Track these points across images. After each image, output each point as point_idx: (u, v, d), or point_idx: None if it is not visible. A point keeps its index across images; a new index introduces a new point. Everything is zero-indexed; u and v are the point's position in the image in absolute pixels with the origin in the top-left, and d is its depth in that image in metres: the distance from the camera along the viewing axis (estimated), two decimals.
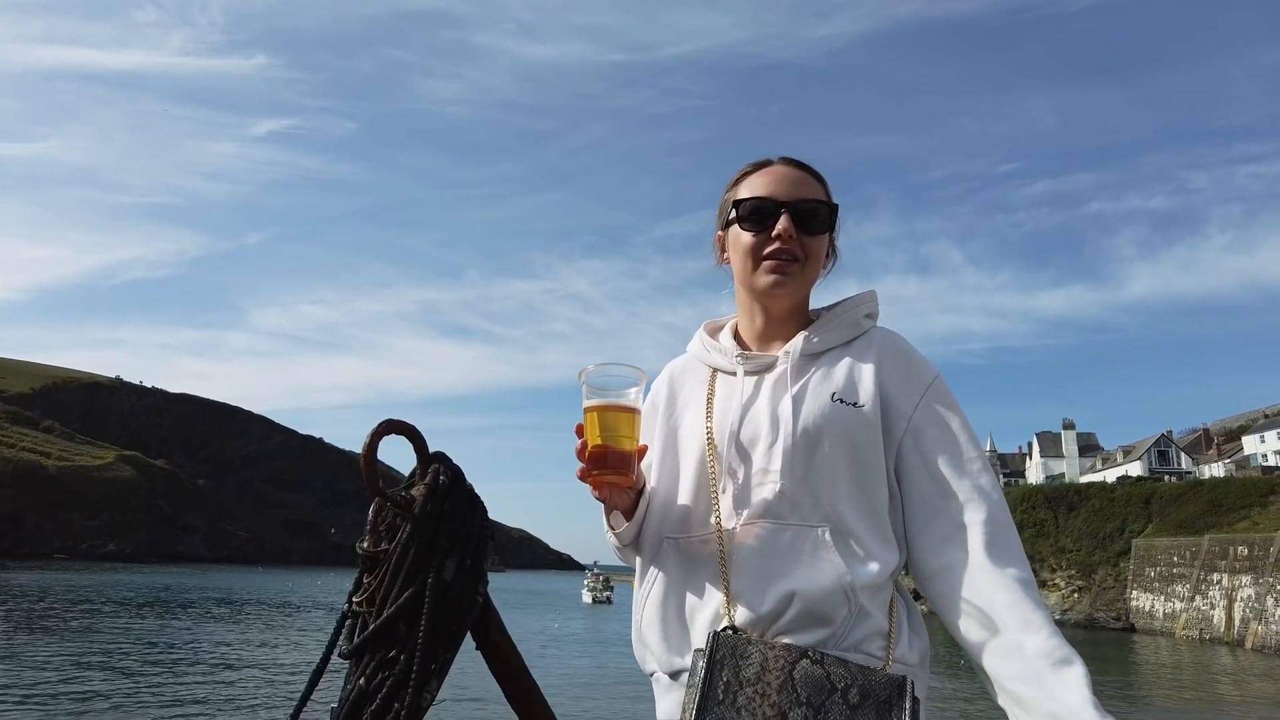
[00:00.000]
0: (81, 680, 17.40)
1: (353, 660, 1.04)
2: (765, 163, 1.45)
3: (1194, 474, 64.96)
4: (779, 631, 1.23)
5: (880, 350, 1.39)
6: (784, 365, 1.37)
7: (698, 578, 1.31)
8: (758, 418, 1.34)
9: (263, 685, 18.11)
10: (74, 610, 35.01)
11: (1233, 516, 44.94)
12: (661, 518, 1.39)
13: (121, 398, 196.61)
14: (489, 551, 1.12)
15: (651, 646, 1.34)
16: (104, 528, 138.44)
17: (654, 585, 1.36)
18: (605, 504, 1.37)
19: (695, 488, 1.36)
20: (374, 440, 1.06)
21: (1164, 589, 44.79)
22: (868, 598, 1.24)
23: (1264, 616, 36.45)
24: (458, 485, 1.09)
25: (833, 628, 1.22)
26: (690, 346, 1.55)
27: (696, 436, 1.39)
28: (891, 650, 1.24)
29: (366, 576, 1.07)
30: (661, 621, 1.33)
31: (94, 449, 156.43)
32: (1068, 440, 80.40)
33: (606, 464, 1.28)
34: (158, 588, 54.54)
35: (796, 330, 1.43)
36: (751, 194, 1.41)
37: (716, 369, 1.46)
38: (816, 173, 1.45)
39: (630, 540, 1.41)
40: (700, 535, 1.33)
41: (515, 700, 1.15)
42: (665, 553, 1.36)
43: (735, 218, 1.42)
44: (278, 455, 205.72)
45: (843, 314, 1.44)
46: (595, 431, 1.28)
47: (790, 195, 1.39)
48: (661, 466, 1.43)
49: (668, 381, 1.52)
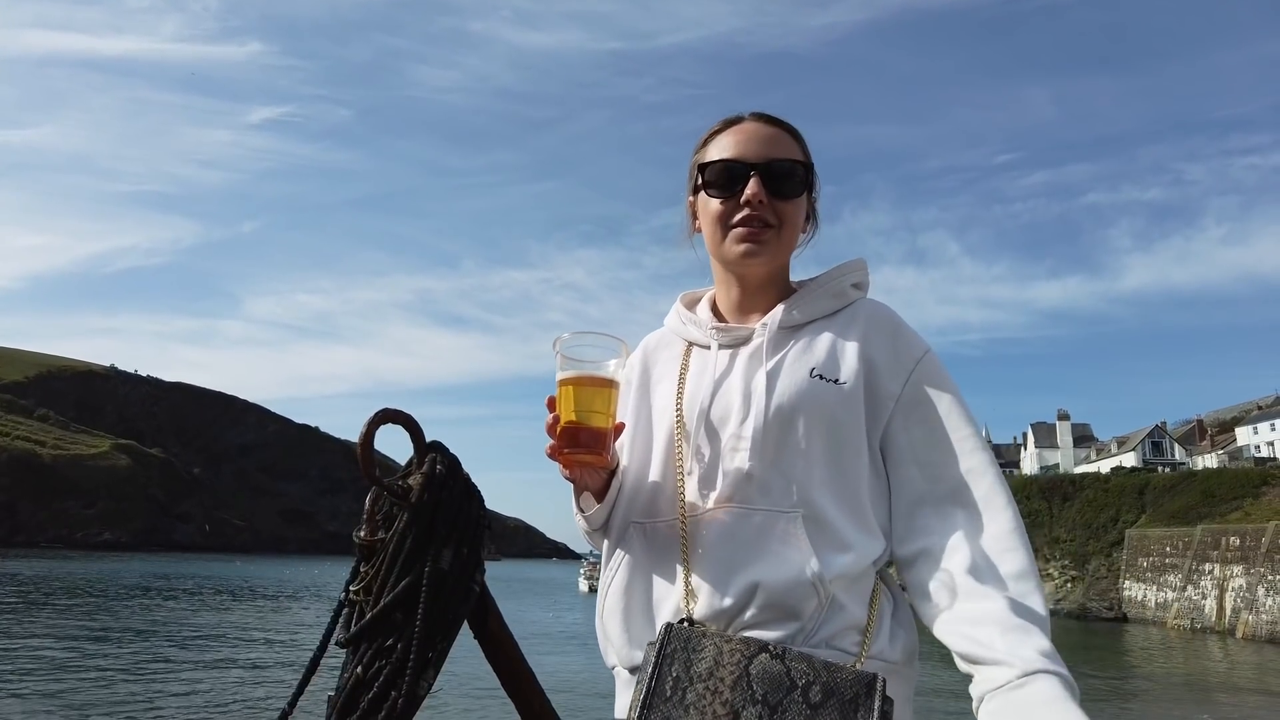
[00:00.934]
0: (76, 669, 17.43)
1: (350, 649, 1.05)
2: (735, 119, 1.33)
3: (1187, 465, 65.29)
4: (743, 626, 1.13)
5: (867, 323, 1.28)
6: (760, 338, 1.28)
7: (662, 566, 1.22)
8: (729, 394, 1.24)
9: (260, 673, 18.15)
10: (69, 599, 35.02)
11: (1225, 507, 45.20)
12: (629, 501, 1.29)
13: (116, 386, 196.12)
14: (486, 541, 1.12)
15: (612, 639, 1.26)
16: (99, 516, 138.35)
17: (617, 573, 1.27)
18: (575, 484, 1.28)
19: (663, 469, 1.27)
20: (370, 429, 1.06)
21: (1156, 579, 45.07)
22: (841, 589, 1.14)
23: (1255, 606, 36.72)
24: (454, 474, 1.09)
25: (801, 621, 1.12)
26: (667, 319, 1.45)
27: (667, 414, 1.30)
28: (868, 646, 1.13)
29: (363, 566, 1.07)
30: (624, 612, 1.24)
31: (89, 438, 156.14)
32: (1062, 431, 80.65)
33: (579, 442, 1.19)
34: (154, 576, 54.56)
35: (774, 300, 1.33)
36: (719, 155, 1.29)
37: (692, 342, 1.37)
38: (791, 129, 1.33)
39: (600, 524, 1.31)
40: (666, 520, 1.24)
41: (511, 688, 1.16)
42: (631, 538, 1.27)
43: (702, 182, 1.31)
44: (273, 444, 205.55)
45: (827, 283, 1.33)
46: (568, 406, 1.19)
47: (760, 155, 1.27)
48: (633, 446, 1.34)
49: (642, 357, 1.42)
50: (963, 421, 1.21)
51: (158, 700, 14.70)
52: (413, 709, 0.99)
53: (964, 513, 1.15)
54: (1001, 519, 1.14)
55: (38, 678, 16.14)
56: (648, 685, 1.05)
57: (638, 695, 1.05)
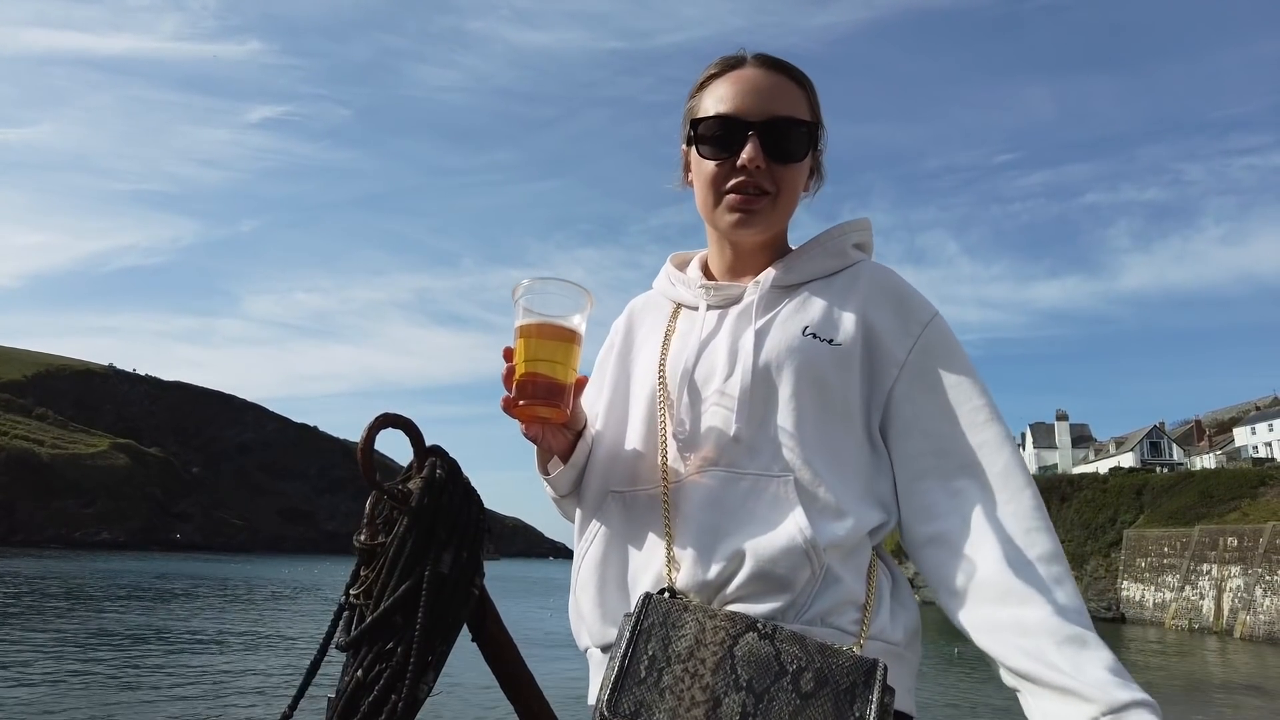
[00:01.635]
0: (73, 669, 17.42)
1: (350, 652, 1.05)
2: (736, 61, 1.19)
3: (1185, 465, 65.39)
4: (729, 599, 1.03)
5: (870, 285, 1.17)
6: (751, 297, 1.18)
7: (641, 536, 1.12)
8: (715, 354, 1.15)
9: (260, 676, 18.15)
10: (66, 598, 35.00)
11: (1223, 508, 45.24)
12: (607, 469, 1.19)
13: (115, 385, 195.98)
14: (485, 543, 1.13)
15: (585, 616, 1.15)
16: (98, 516, 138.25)
17: (592, 545, 1.17)
18: (538, 444, 1.18)
19: (644, 434, 1.17)
20: (371, 434, 1.07)
21: (1154, 579, 45.10)
22: (837, 560, 1.04)
23: (1252, 606, 36.76)
24: (454, 478, 1.10)
25: (793, 594, 1.01)
26: (655, 281, 1.35)
27: (649, 376, 1.20)
28: (868, 624, 1.02)
29: (364, 569, 1.08)
30: (598, 587, 1.14)
31: (87, 437, 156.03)
32: (1061, 431, 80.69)
33: (536, 393, 1.10)
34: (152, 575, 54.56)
35: (770, 262, 1.23)
36: (716, 108, 1.16)
37: (680, 303, 1.27)
38: (799, 75, 1.19)
39: (568, 489, 1.22)
40: (648, 488, 1.14)
41: (511, 691, 1.16)
42: (609, 508, 1.16)
43: (695, 138, 1.18)
44: (272, 443, 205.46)
45: (827, 241, 1.22)
46: (526, 355, 1.10)
47: (761, 112, 1.14)
48: (608, 412, 1.24)
49: (626, 320, 1.33)
50: (975, 391, 1.10)
51: (155, 702, 14.69)
52: (413, 712, 1.00)
53: (979, 490, 1.04)
54: (1022, 498, 1.03)
55: (34, 678, 16.13)
56: (620, 664, 0.92)
57: (608, 675, 0.93)
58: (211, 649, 21.75)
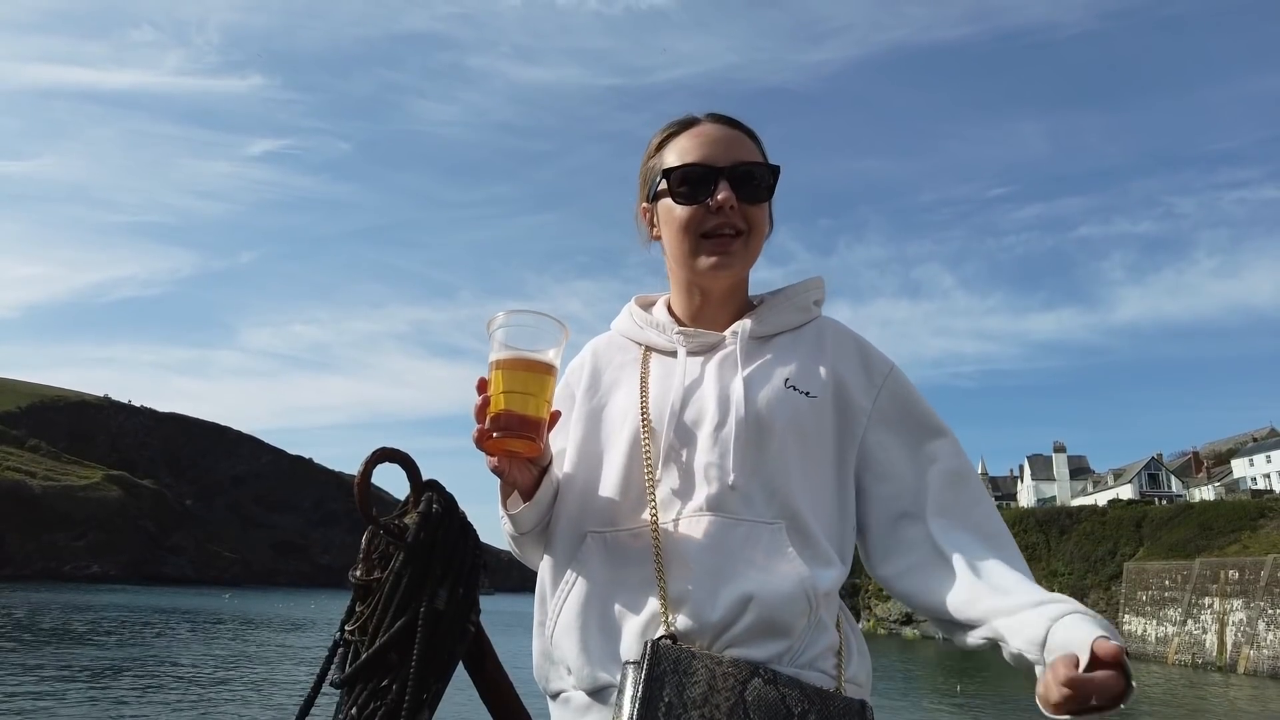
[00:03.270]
0: (61, 705, 17.10)
1: (344, 689, 1.05)
2: (691, 121, 1.27)
3: (1184, 497, 65.19)
4: (729, 643, 1.06)
5: (835, 340, 1.27)
6: (733, 345, 1.23)
7: (628, 578, 1.12)
8: (703, 399, 1.18)
9: (252, 713, 17.82)
10: (54, 633, 34.48)
11: (1223, 540, 45.01)
12: (581, 509, 1.19)
13: (110, 417, 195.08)
14: (481, 579, 1.12)
15: (567, 659, 1.14)
16: (89, 548, 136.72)
17: (572, 588, 1.15)
18: (502, 479, 1.15)
19: (625, 476, 1.17)
20: (368, 468, 1.07)
21: (1156, 613, 44.71)
22: (826, 609, 1.11)
23: (1255, 641, 36.39)
24: (450, 513, 1.10)
25: (791, 640, 1.07)
26: (617, 323, 1.37)
27: (629, 419, 1.21)
28: (843, 669, 1.11)
29: (359, 605, 1.08)
30: (581, 630, 1.12)
31: (80, 468, 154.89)
32: (1058, 463, 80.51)
33: (510, 426, 1.08)
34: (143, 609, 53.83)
35: (736, 310, 1.30)
36: (682, 160, 1.23)
37: (650, 347, 1.29)
38: (750, 130, 1.28)
39: (528, 527, 1.20)
40: (632, 529, 1.14)
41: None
42: (588, 550, 1.16)
43: (666, 189, 1.25)
44: (266, 475, 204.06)
45: (794, 297, 1.31)
46: (501, 388, 1.09)
47: (728, 159, 1.22)
48: (581, 453, 1.24)
49: (590, 360, 1.33)
50: (938, 430, 1.23)
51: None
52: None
53: (950, 522, 1.15)
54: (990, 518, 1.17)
55: (21, 713, 15.82)
56: (635, 710, 0.95)
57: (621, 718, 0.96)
58: (201, 685, 21.38)
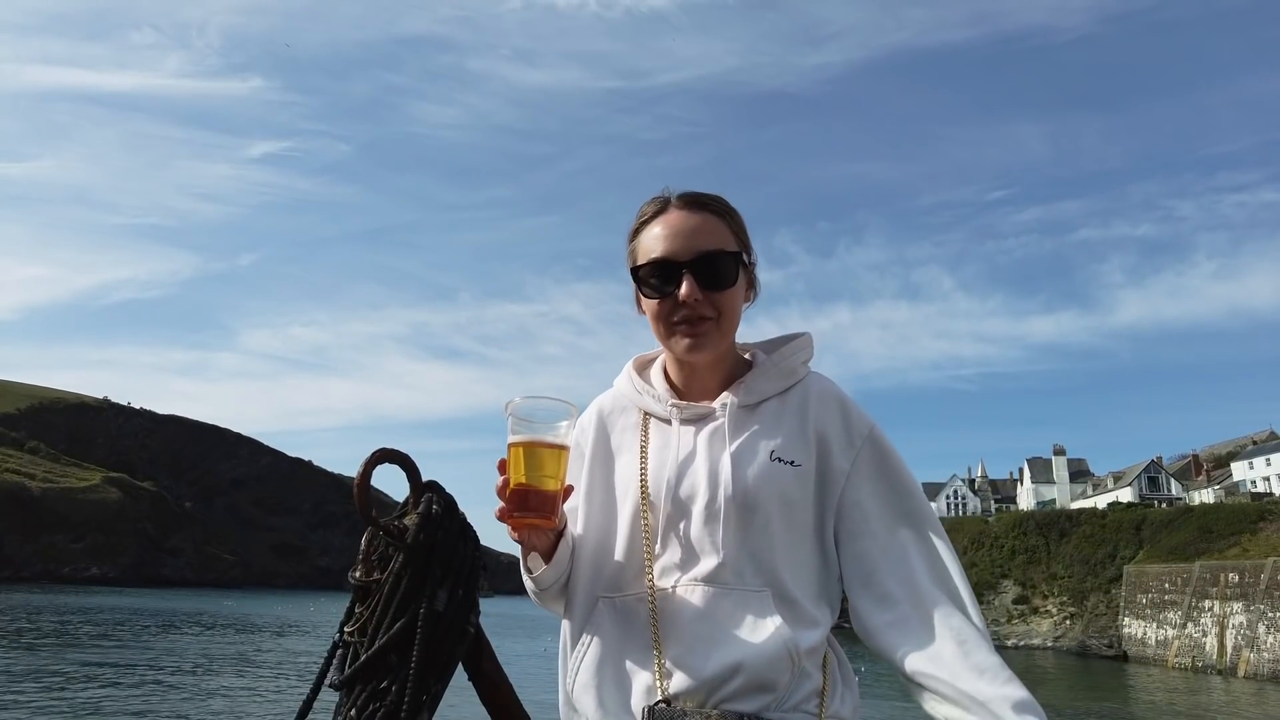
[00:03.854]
0: (61, 708, 17.08)
1: (344, 691, 1.05)
2: (661, 208, 1.35)
3: (1184, 500, 65.16)
4: (720, 700, 1.19)
5: (818, 402, 1.35)
6: (721, 418, 1.33)
7: (633, 640, 1.26)
8: (696, 474, 1.29)
9: (251, 715, 17.81)
10: (53, 635, 34.45)
11: (1223, 543, 45.01)
12: (593, 574, 1.33)
13: (109, 419, 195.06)
14: (481, 580, 1.12)
15: (586, 712, 1.27)
16: (88, 551, 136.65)
17: (589, 650, 1.29)
18: (523, 545, 1.29)
19: (629, 543, 1.31)
20: (367, 469, 1.07)
21: (1156, 615, 44.69)
22: (810, 661, 1.23)
23: (1255, 644, 36.38)
24: (450, 515, 1.10)
25: (777, 693, 1.20)
26: (619, 383, 1.47)
27: (631, 488, 1.33)
28: (825, 707, 1.23)
29: (358, 606, 1.08)
30: (596, 687, 1.26)
31: (80, 470, 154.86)
32: (1058, 466, 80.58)
33: (529, 505, 1.21)
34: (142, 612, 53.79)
35: (727, 374, 1.39)
36: (648, 257, 1.32)
37: (648, 413, 1.40)
38: (720, 208, 1.35)
39: (550, 584, 1.33)
40: (635, 594, 1.28)
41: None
42: (600, 614, 1.30)
43: (638, 281, 1.36)
44: (266, 478, 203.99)
45: (780, 362, 1.38)
46: (519, 469, 1.21)
47: (690, 251, 1.30)
48: (590, 517, 1.37)
49: (597, 421, 1.44)
50: (911, 491, 1.32)
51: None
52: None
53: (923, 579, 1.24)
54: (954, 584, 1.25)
55: (25, 713, 15.81)
56: None
57: None
58: (202, 687, 21.36)
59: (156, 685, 21.15)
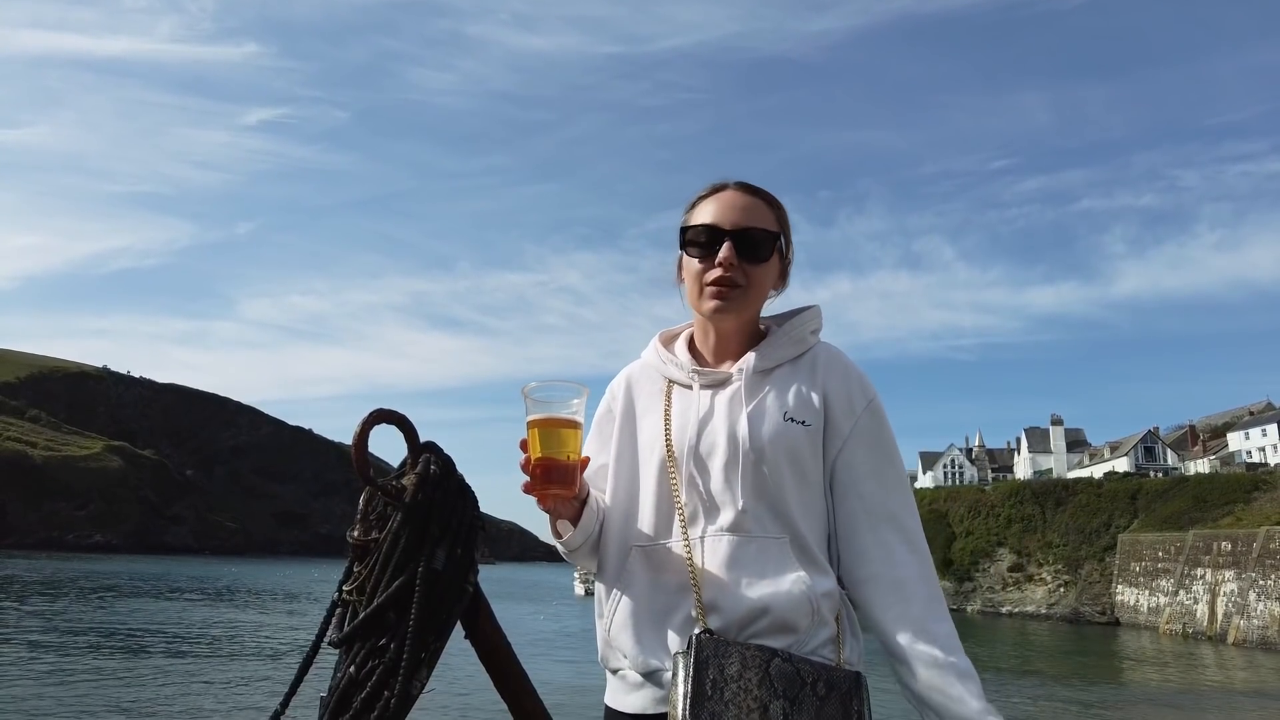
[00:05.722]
0: (67, 671, 17.33)
1: (343, 649, 1.05)
2: (720, 188, 1.51)
3: (1179, 470, 65.54)
4: (750, 636, 1.32)
5: (826, 368, 1.48)
6: (738, 382, 1.46)
7: (667, 584, 1.39)
8: (715, 432, 1.42)
9: (252, 673, 18.08)
10: (59, 600, 34.84)
11: (1217, 512, 45.38)
12: (625, 526, 1.47)
13: (109, 388, 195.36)
14: (479, 542, 1.12)
15: (624, 648, 1.40)
16: (91, 518, 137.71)
17: (626, 592, 1.42)
18: (551, 514, 1.41)
19: (657, 498, 1.44)
20: (365, 429, 1.07)
21: (1148, 584, 45.21)
22: (827, 607, 1.36)
23: (1246, 611, 36.86)
24: (448, 474, 1.10)
25: (798, 635, 1.33)
26: (646, 355, 1.61)
27: (656, 448, 1.46)
28: (841, 654, 1.37)
29: (357, 565, 1.08)
30: (634, 626, 1.39)
31: (81, 439, 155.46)
32: (1055, 436, 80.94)
33: (551, 478, 1.33)
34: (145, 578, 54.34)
35: (748, 344, 1.51)
36: (701, 221, 1.47)
37: (672, 380, 1.53)
38: (770, 198, 1.51)
39: (577, 545, 1.45)
40: (665, 543, 1.41)
41: (504, 689, 1.16)
42: (634, 561, 1.43)
43: (684, 243, 1.50)
44: (266, 446, 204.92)
45: (791, 331, 1.52)
46: (539, 445, 1.32)
47: (735, 223, 1.45)
48: (620, 475, 1.50)
49: (625, 387, 1.59)
50: (896, 463, 1.46)
51: (149, 702, 14.63)
52: (405, 709, 1.00)
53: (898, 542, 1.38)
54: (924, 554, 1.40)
55: (27, 680, 16.05)
56: (689, 688, 1.22)
57: (678, 695, 1.22)
58: (204, 649, 21.66)
59: (157, 651, 21.44)
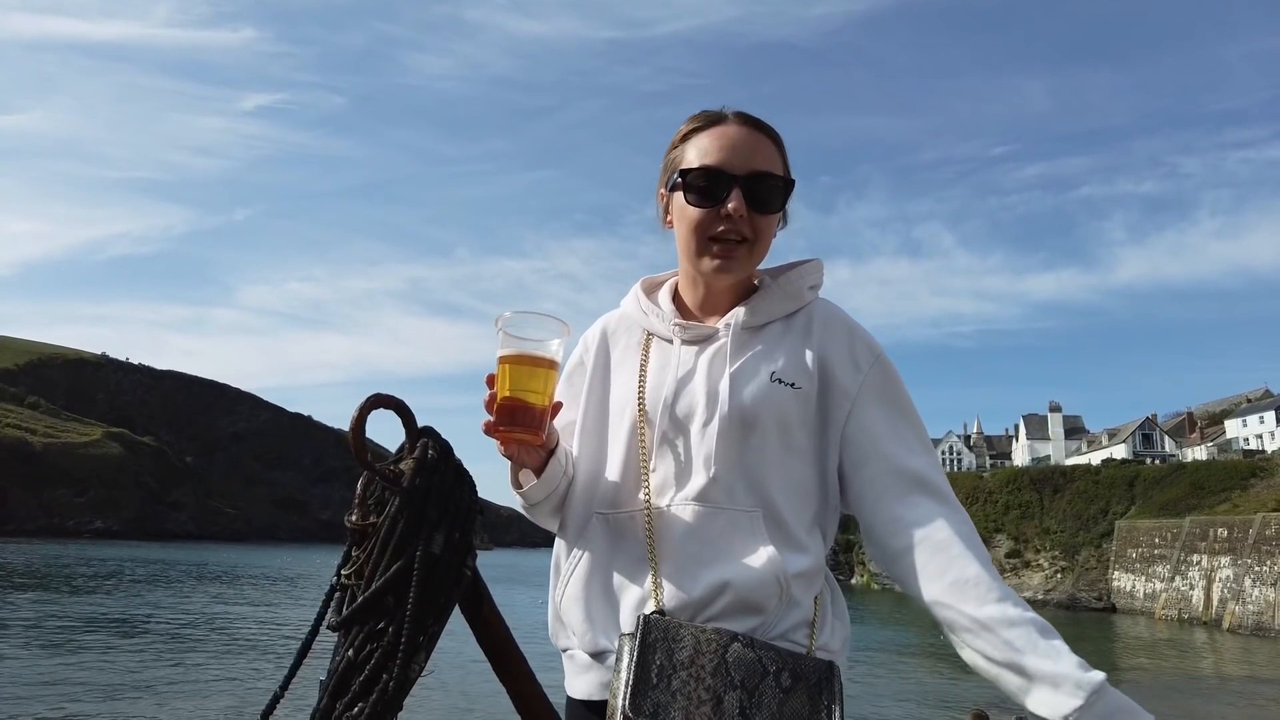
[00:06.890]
0: (68, 656, 17.42)
1: (341, 632, 1.05)
2: (717, 118, 1.29)
3: (1177, 457, 65.78)
4: (709, 618, 1.18)
5: (823, 326, 1.31)
6: (724, 339, 1.29)
7: (625, 556, 1.24)
8: (694, 393, 1.26)
9: (251, 658, 18.18)
10: (59, 586, 34.96)
11: (1214, 499, 45.56)
12: (589, 490, 1.31)
13: (108, 374, 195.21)
14: (477, 526, 1.12)
15: (573, 625, 1.26)
16: (91, 505, 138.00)
17: (580, 561, 1.27)
18: (512, 461, 1.26)
19: (625, 460, 1.28)
20: (362, 414, 1.06)
21: (1145, 570, 45.44)
22: (799, 588, 1.21)
23: (1241, 597, 37.07)
24: (446, 459, 1.10)
25: (764, 617, 1.18)
26: (625, 304, 1.43)
27: (629, 406, 1.30)
28: (815, 639, 1.22)
29: (355, 550, 1.08)
30: (585, 600, 1.25)
31: (80, 426, 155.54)
32: (1054, 423, 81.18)
33: (515, 420, 1.18)
34: (145, 563, 54.52)
35: (738, 298, 1.34)
36: (701, 160, 1.26)
37: (651, 333, 1.36)
38: (773, 133, 1.30)
39: (539, 499, 1.30)
40: (628, 511, 1.26)
41: (502, 672, 1.16)
42: (594, 528, 1.28)
43: (682, 186, 1.28)
44: (266, 433, 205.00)
45: (786, 285, 1.34)
46: (507, 383, 1.18)
47: (744, 167, 1.25)
48: (587, 433, 1.34)
49: (600, 338, 1.41)
50: (915, 420, 1.29)
51: (150, 686, 14.72)
52: (404, 692, 1.00)
53: (933, 505, 1.20)
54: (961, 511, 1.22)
55: (28, 666, 16.13)
56: (631, 673, 1.09)
57: (620, 683, 1.10)
58: (203, 633, 21.76)
59: (157, 635, 21.54)
